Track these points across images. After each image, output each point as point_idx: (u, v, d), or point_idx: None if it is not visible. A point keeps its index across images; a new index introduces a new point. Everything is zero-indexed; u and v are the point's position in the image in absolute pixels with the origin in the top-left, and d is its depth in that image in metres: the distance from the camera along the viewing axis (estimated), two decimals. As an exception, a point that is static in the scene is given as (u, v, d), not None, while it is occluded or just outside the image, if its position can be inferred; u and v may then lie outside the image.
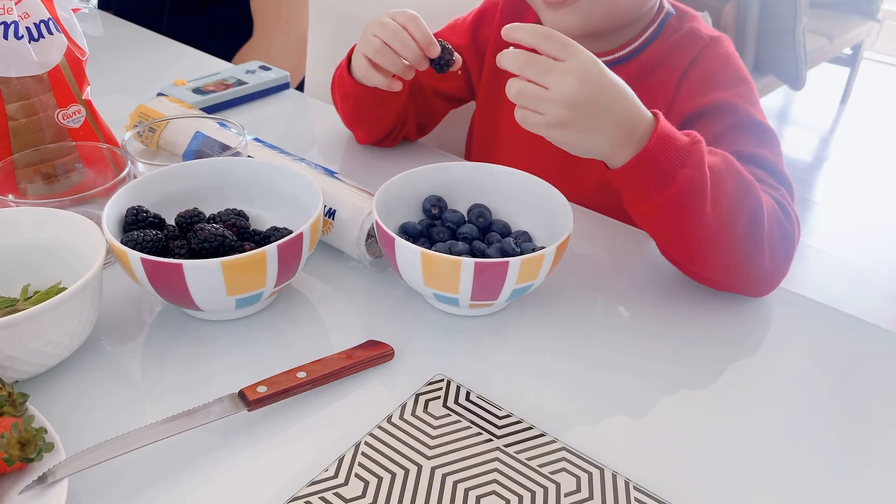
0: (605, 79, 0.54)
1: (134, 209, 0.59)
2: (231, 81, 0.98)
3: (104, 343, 0.56)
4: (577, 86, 0.52)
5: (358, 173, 0.80)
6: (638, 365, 0.56)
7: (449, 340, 0.58)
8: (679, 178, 0.54)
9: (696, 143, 0.56)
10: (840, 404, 0.54)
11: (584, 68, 0.53)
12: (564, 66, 0.53)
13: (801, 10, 2.27)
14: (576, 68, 0.52)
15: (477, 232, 0.63)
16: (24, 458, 0.42)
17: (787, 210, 0.62)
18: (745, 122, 0.67)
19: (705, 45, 0.72)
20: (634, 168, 0.55)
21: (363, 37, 0.71)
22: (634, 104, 0.55)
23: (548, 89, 0.53)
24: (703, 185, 0.55)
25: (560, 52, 0.53)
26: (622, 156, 0.55)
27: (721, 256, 0.59)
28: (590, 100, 0.53)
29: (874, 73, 3.59)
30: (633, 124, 0.55)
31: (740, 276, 0.61)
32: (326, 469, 0.46)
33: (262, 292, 0.56)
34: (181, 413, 0.48)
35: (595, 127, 0.54)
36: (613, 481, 0.46)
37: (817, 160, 2.82)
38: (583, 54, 0.53)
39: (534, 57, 0.53)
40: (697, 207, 0.55)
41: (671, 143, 0.55)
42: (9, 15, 0.63)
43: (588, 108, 0.53)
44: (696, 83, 0.71)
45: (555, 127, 0.54)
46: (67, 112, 0.69)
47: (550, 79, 0.52)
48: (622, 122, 0.54)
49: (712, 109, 0.68)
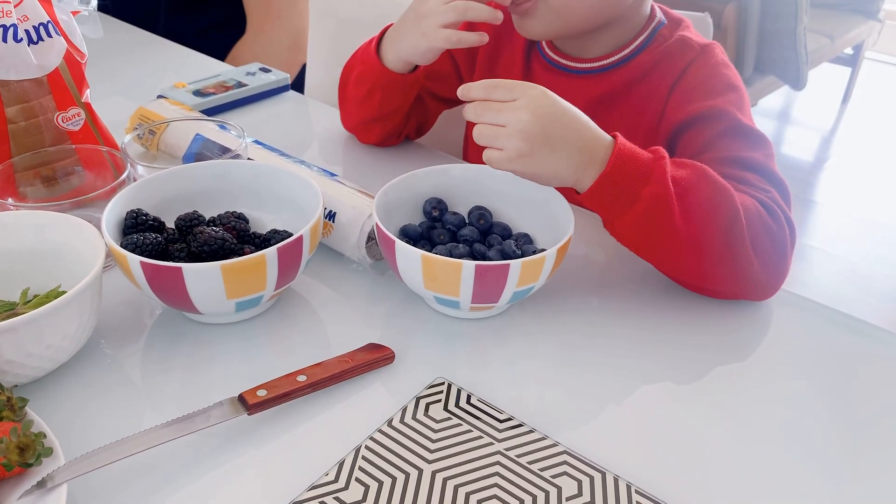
0: (555, 109, 0.57)
1: (133, 212, 0.58)
2: (231, 84, 0.98)
3: (104, 347, 0.56)
4: (529, 118, 0.56)
5: (358, 175, 0.80)
6: (639, 368, 0.56)
7: (449, 343, 0.58)
8: (643, 197, 0.56)
9: (659, 160, 0.57)
10: (841, 406, 0.54)
11: (534, 102, 0.56)
12: (515, 104, 0.56)
13: (802, 10, 2.27)
14: (526, 104, 0.56)
15: (477, 234, 0.63)
16: (23, 463, 0.42)
17: (775, 211, 0.61)
18: (734, 127, 0.68)
19: (696, 54, 0.72)
20: (597, 191, 0.57)
21: (434, 12, 0.70)
22: (590, 129, 0.58)
23: (505, 126, 0.56)
24: (667, 200, 0.56)
25: (508, 96, 0.57)
26: (586, 179, 0.57)
27: (703, 266, 0.59)
28: (544, 129, 0.56)
29: (875, 73, 3.58)
30: (592, 148, 0.57)
31: (732, 283, 0.61)
32: (327, 473, 0.46)
33: (262, 295, 0.56)
34: (181, 417, 0.48)
35: (553, 155, 0.57)
36: (615, 485, 0.46)
37: (819, 160, 2.82)
38: (532, 91, 0.57)
39: (487, 103, 0.57)
40: (666, 222, 0.57)
41: (631, 162, 0.56)
42: (8, 18, 0.63)
43: (543, 137, 0.56)
44: (686, 92, 0.71)
45: (516, 159, 0.56)
46: (67, 115, 0.69)
47: (504, 117, 0.56)
48: (580, 148, 0.57)
49: (703, 117, 0.68)
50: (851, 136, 3.00)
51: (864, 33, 2.95)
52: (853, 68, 3.17)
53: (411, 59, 0.75)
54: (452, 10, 0.69)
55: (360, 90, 0.81)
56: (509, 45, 0.81)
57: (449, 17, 0.70)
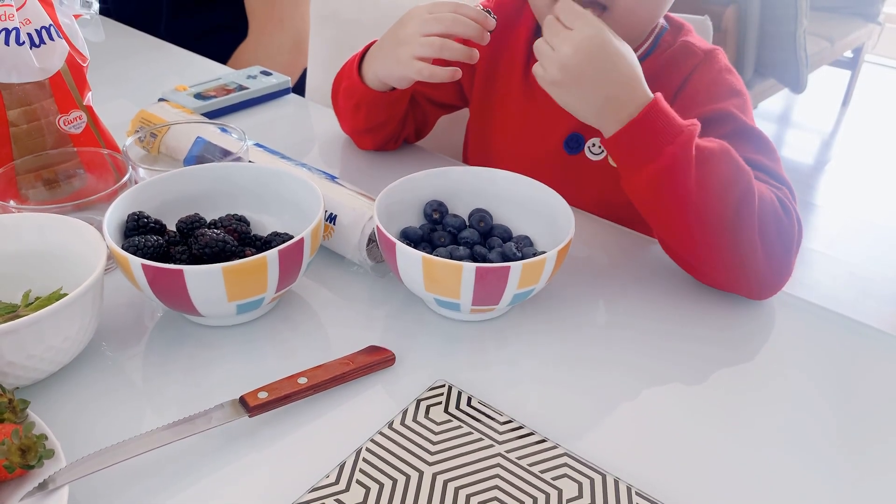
0: (600, 53, 0.59)
1: (135, 215, 0.59)
2: (232, 87, 0.98)
3: (105, 349, 0.56)
4: (571, 53, 0.58)
5: (359, 178, 0.80)
6: (640, 370, 0.56)
7: (450, 346, 0.58)
8: (664, 154, 0.58)
9: (690, 126, 0.58)
10: (842, 408, 0.54)
11: (583, 39, 0.58)
12: (567, 34, 0.59)
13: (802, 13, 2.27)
14: (575, 38, 0.58)
15: (478, 237, 0.63)
16: (24, 465, 0.42)
17: (787, 206, 0.62)
18: (741, 130, 0.68)
19: (700, 60, 0.73)
20: (622, 138, 0.59)
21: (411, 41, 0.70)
22: (629, 84, 0.60)
23: (553, 50, 0.59)
24: (686, 164, 0.58)
25: (569, 21, 0.59)
26: (611, 127, 0.60)
27: (707, 239, 0.60)
28: (580, 67, 0.59)
29: (875, 76, 3.59)
30: (622, 102, 0.59)
31: (733, 269, 0.61)
32: (328, 475, 0.46)
33: (263, 298, 0.56)
34: (182, 419, 0.48)
35: (582, 93, 0.60)
36: (615, 487, 0.46)
37: (819, 163, 2.82)
38: (588, 28, 0.59)
39: (552, 20, 0.61)
40: (681, 185, 0.58)
41: (662, 120, 0.58)
42: (10, 21, 0.63)
43: (577, 75, 0.59)
44: (690, 97, 0.71)
45: (549, 84, 0.61)
46: (69, 118, 0.69)
47: (555, 41, 0.59)
48: (609, 98, 0.59)
49: (708, 120, 0.68)
50: (851, 139, 3.00)
51: (863, 36, 2.96)
52: (853, 71, 3.17)
53: (387, 81, 0.75)
54: (429, 45, 0.69)
55: (347, 103, 0.82)
56: (510, 51, 0.81)
57: (424, 52, 0.69)
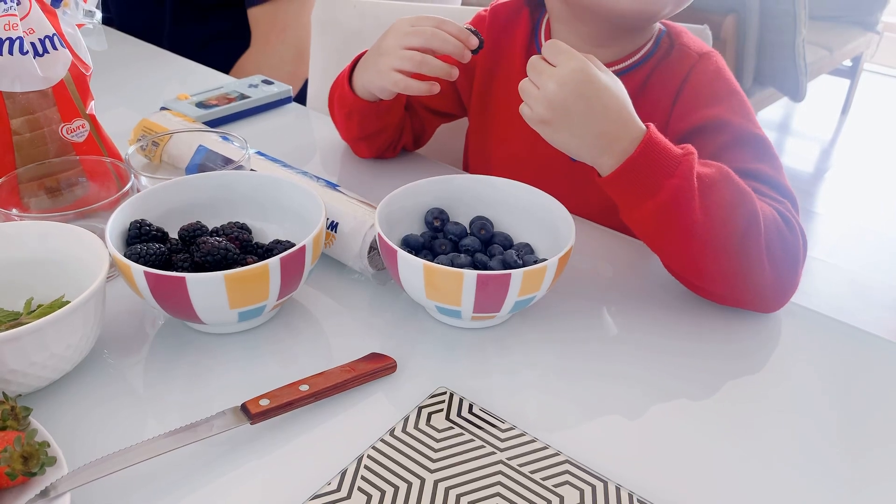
0: (586, 88, 0.57)
1: (137, 223, 0.59)
2: (234, 95, 0.98)
3: (107, 356, 0.56)
4: (556, 90, 0.57)
5: (360, 186, 0.80)
6: (641, 377, 0.56)
7: (451, 353, 0.58)
8: (666, 188, 0.56)
9: (687, 155, 0.57)
10: (846, 418, 0.54)
11: (568, 75, 0.57)
12: (551, 71, 0.58)
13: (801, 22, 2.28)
14: (560, 74, 0.57)
15: (479, 244, 0.63)
16: (26, 473, 0.42)
17: (790, 221, 0.62)
18: (740, 138, 0.67)
19: (695, 62, 0.72)
20: (620, 176, 0.57)
21: (391, 53, 0.71)
22: (619, 117, 0.58)
23: (538, 89, 0.58)
24: (690, 195, 0.56)
25: (553, 58, 0.58)
26: (607, 164, 0.58)
27: (716, 266, 0.59)
28: (567, 104, 0.57)
29: (874, 85, 3.60)
30: (615, 136, 0.57)
31: (741, 288, 0.61)
32: (329, 482, 0.46)
33: (264, 305, 0.56)
34: (184, 426, 0.48)
35: (572, 130, 0.58)
36: (617, 494, 0.46)
37: (819, 171, 2.83)
38: (573, 63, 0.57)
39: (535, 60, 0.59)
40: (685, 216, 0.57)
41: (659, 153, 0.57)
42: (14, 30, 0.63)
43: (564, 112, 0.57)
44: (688, 100, 0.71)
45: (538, 123, 0.59)
46: (71, 126, 0.69)
47: (539, 79, 0.58)
48: (601, 133, 0.57)
49: (706, 127, 0.68)
50: (851, 147, 3.01)
51: (862, 45, 2.97)
52: (852, 80, 3.18)
53: (372, 91, 0.75)
54: (409, 59, 0.69)
55: (341, 112, 0.82)
56: (507, 59, 0.81)
57: (404, 65, 0.70)
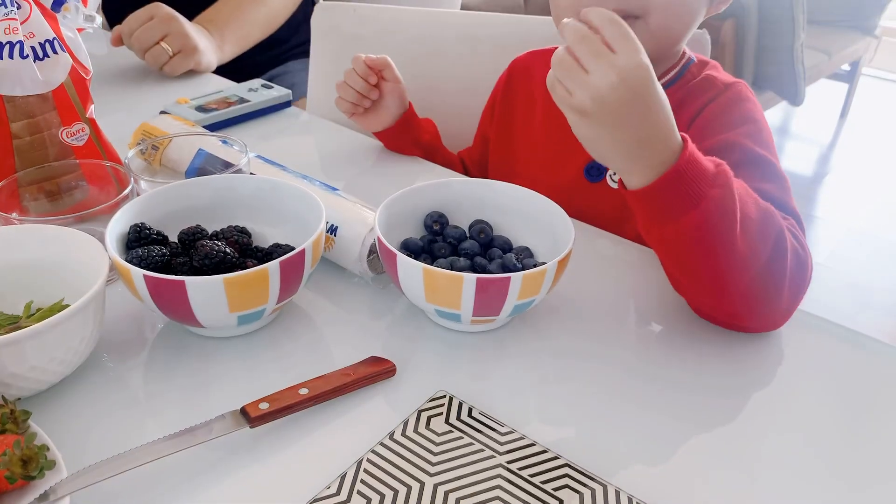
0: (646, 90, 0.51)
1: (137, 226, 0.59)
2: (233, 99, 0.98)
3: (106, 360, 0.56)
4: (615, 83, 0.49)
5: (359, 190, 0.80)
6: (640, 380, 0.56)
7: (451, 356, 0.58)
8: (708, 198, 0.52)
9: (721, 166, 0.54)
10: (849, 424, 0.54)
11: (631, 69, 0.50)
12: (613, 58, 0.50)
13: (800, 26, 2.29)
14: (623, 66, 0.49)
15: (478, 248, 0.63)
16: (25, 476, 0.42)
17: (801, 240, 0.60)
18: (747, 159, 0.65)
19: (719, 91, 0.71)
20: (662, 188, 0.52)
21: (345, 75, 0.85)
22: (667, 127, 0.52)
23: (587, 73, 0.50)
24: (732, 206, 0.52)
25: (617, 43, 0.50)
26: (641, 175, 0.53)
27: (742, 285, 0.55)
28: (620, 102, 0.50)
29: (873, 89, 3.61)
30: (658, 147, 0.52)
31: (755, 308, 0.58)
32: (328, 486, 0.46)
33: (264, 309, 0.56)
34: (183, 430, 0.48)
35: (614, 132, 0.51)
36: (616, 497, 0.46)
37: (817, 175, 2.83)
38: (637, 56, 0.50)
39: (590, 35, 0.50)
40: (727, 229, 0.53)
41: (699, 164, 0.53)
42: (14, 34, 0.64)
43: (614, 110, 0.50)
44: (703, 127, 0.69)
45: (576, 112, 0.51)
46: (71, 130, 0.69)
47: (594, 64, 0.50)
48: (645, 140, 0.52)
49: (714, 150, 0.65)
50: (849, 151, 3.02)
51: (860, 49, 2.98)
52: (850, 84, 3.19)
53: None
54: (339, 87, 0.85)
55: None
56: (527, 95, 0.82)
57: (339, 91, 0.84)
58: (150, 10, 1.10)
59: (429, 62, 1.05)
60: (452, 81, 1.05)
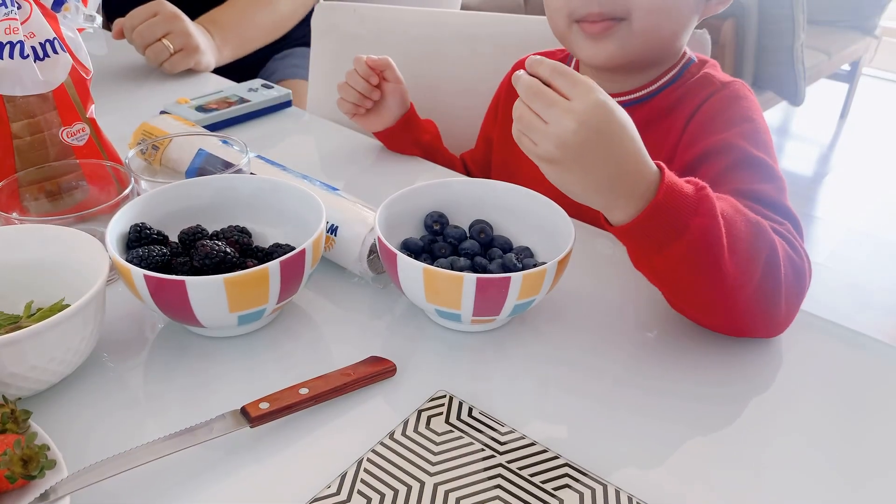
0: (608, 126, 0.50)
1: (137, 226, 0.59)
2: (234, 99, 0.98)
3: (107, 360, 0.56)
4: (574, 128, 0.50)
5: (360, 190, 0.80)
6: (640, 380, 0.56)
7: (451, 356, 0.58)
8: (692, 227, 0.52)
9: (702, 190, 0.53)
10: (848, 425, 0.54)
11: (587, 111, 0.50)
12: (567, 105, 0.50)
13: (800, 26, 2.29)
14: (578, 110, 0.50)
15: (478, 248, 0.63)
16: (26, 476, 0.42)
17: (796, 246, 0.59)
18: (742, 160, 0.65)
19: (716, 89, 0.71)
20: (643, 222, 0.52)
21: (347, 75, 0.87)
22: (636, 160, 0.52)
23: (547, 123, 0.51)
24: (717, 232, 0.52)
25: (569, 90, 0.50)
26: (622, 211, 0.52)
27: (740, 304, 0.55)
28: (584, 145, 0.50)
29: (873, 89, 3.61)
30: (632, 181, 0.51)
31: (756, 322, 0.58)
32: (329, 486, 0.46)
33: (264, 309, 0.56)
34: (183, 430, 0.48)
35: (585, 174, 0.51)
36: (616, 497, 0.46)
37: (817, 175, 2.83)
38: (592, 97, 0.50)
39: (542, 88, 0.51)
40: (715, 255, 0.52)
41: (678, 193, 0.52)
42: (15, 34, 0.64)
43: (580, 153, 0.50)
44: (698, 127, 0.69)
45: (545, 161, 0.52)
46: (72, 130, 0.69)
47: (550, 114, 0.50)
48: (617, 176, 0.51)
49: (710, 152, 0.66)
50: (849, 152, 3.02)
51: (861, 50, 2.98)
52: (850, 84, 3.19)
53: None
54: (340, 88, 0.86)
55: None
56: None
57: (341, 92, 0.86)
58: (154, 7, 1.10)
59: (428, 62, 1.05)
60: (452, 81, 1.05)
